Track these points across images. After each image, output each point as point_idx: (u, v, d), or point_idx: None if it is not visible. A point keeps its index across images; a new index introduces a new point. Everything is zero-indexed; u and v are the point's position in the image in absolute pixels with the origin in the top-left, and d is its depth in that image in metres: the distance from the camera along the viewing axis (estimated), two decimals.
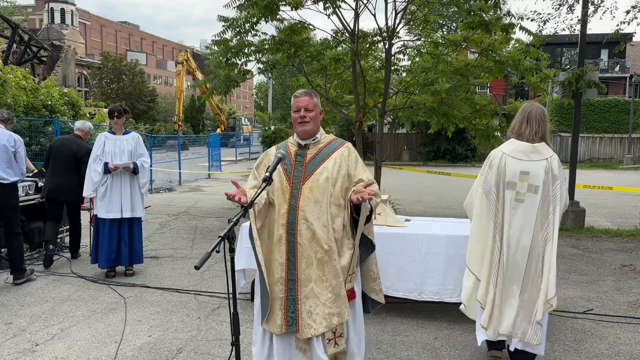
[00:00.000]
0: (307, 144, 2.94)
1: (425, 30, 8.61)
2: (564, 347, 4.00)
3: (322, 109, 3.02)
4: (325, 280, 2.75)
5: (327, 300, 2.73)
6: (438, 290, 4.41)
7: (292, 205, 2.79)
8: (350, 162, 2.90)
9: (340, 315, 2.74)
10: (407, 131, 28.43)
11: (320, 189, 2.79)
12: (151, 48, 72.25)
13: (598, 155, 28.75)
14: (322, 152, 2.91)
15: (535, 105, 3.51)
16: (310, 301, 2.75)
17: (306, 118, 2.88)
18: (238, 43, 7.90)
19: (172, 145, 20.78)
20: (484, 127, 9.38)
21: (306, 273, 2.76)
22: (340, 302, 2.74)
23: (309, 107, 2.88)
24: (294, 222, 2.78)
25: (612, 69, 36.00)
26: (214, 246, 2.08)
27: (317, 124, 2.94)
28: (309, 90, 2.98)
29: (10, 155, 5.34)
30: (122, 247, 5.76)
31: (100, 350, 3.89)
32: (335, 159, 2.88)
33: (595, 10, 8.87)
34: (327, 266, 2.75)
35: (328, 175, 2.82)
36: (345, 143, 2.99)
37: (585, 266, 6.54)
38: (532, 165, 3.37)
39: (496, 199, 3.41)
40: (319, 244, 2.75)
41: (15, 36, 23.40)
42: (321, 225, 2.75)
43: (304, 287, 2.76)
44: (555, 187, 3.35)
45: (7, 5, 34.46)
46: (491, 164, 3.48)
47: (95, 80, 43.56)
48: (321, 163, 2.87)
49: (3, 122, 5.52)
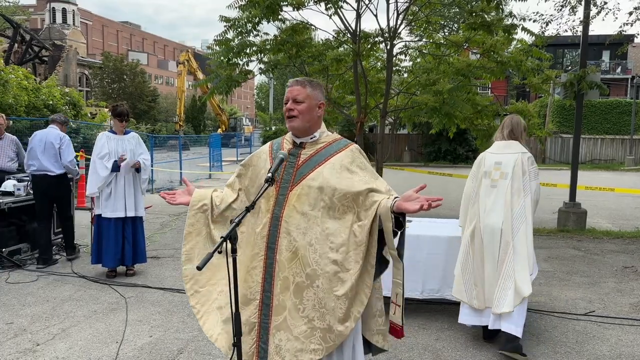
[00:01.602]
0: (302, 142, 2.46)
1: (427, 31, 8.60)
2: (566, 349, 3.99)
3: (322, 102, 2.46)
4: (302, 310, 2.25)
5: (300, 334, 2.24)
6: (440, 287, 4.46)
7: (275, 215, 2.34)
8: (353, 167, 2.38)
9: (315, 353, 2.23)
10: (408, 132, 28.38)
11: (310, 199, 2.31)
12: (152, 48, 72.26)
13: (599, 156, 28.70)
14: (320, 153, 2.41)
15: (511, 116, 4.17)
16: (281, 334, 2.27)
17: (294, 111, 2.37)
18: (240, 43, 7.90)
19: (173, 145, 20.80)
20: (485, 127, 9.38)
21: (280, 299, 2.28)
22: (317, 336, 2.24)
23: (299, 98, 2.37)
24: (275, 235, 2.32)
25: (613, 71, 35.98)
26: (216, 247, 2.07)
27: (310, 119, 2.40)
28: (302, 79, 2.46)
29: (56, 151, 6.21)
30: (126, 247, 5.79)
31: (101, 350, 3.88)
32: (334, 163, 2.36)
33: (598, 12, 8.86)
34: (306, 293, 2.26)
35: (322, 183, 2.31)
36: (351, 145, 2.46)
37: (587, 268, 6.53)
38: (504, 157, 3.96)
39: (478, 187, 4.05)
40: (300, 265, 2.27)
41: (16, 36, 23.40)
42: (306, 242, 2.28)
43: (277, 316, 2.28)
44: (525, 179, 3.86)
45: (8, 5, 34.48)
46: (477, 162, 4.16)
47: (97, 80, 43.56)
48: (316, 167, 2.36)
49: (59, 124, 6.47)
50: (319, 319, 2.26)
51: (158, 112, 45.58)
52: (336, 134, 2.59)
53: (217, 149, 19.96)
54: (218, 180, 17.62)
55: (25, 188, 6.54)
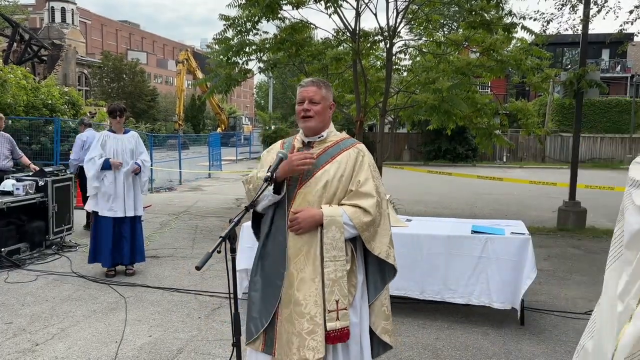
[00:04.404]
0: (311, 141, 2.51)
1: (427, 29, 8.59)
2: (566, 348, 3.98)
3: (334, 103, 2.55)
4: (305, 306, 2.31)
5: (302, 330, 2.30)
6: (439, 290, 4.42)
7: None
8: (357, 167, 2.42)
9: (316, 350, 2.27)
10: (407, 131, 28.41)
11: (315, 197, 2.37)
12: (152, 47, 72.19)
13: (599, 155, 28.69)
14: (327, 152, 2.46)
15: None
16: (289, 326, 2.34)
17: (310, 112, 2.43)
18: (239, 42, 7.89)
19: (172, 144, 20.74)
20: (485, 126, 9.37)
21: (287, 293, 2.36)
22: (319, 333, 2.29)
23: (315, 99, 2.43)
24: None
25: (613, 69, 35.96)
26: (215, 246, 2.06)
27: (323, 119, 2.48)
28: (317, 80, 2.52)
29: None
30: (124, 246, 5.78)
31: (100, 350, 3.87)
32: (340, 162, 2.42)
33: (599, 11, 8.84)
34: (308, 288, 2.33)
35: (328, 181, 2.38)
36: (357, 144, 2.51)
37: (587, 266, 6.52)
38: None
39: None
40: (304, 260, 2.35)
41: (15, 35, 23.37)
42: (310, 239, 2.35)
43: (285, 309, 2.36)
44: None
45: (8, 4, 34.43)
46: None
47: (96, 80, 43.54)
48: (323, 165, 2.42)
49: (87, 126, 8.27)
50: (320, 315, 2.29)
51: (157, 111, 45.57)
52: (344, 133, 2.62)
53: (217, 148, 19.95)
54: (217, 179, 17.60)
55: (24, 188, 6.53)
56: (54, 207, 6.91)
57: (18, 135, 7.74)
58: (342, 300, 2.31)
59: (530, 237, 4.37)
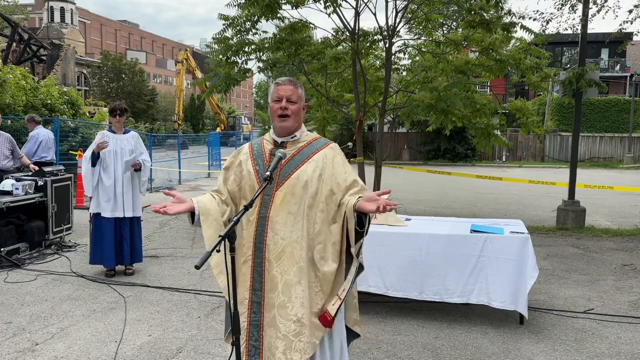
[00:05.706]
0: (284, 142, 2.50)
1: (426, 29, 8.59)
2: (565, 347, 3.99)
3: (306, 104, 2.58)
4: (291, 308, 2.31)
5: (289, 332, 2.30)
6: (438, 290, 4.41)
7: (262, 215, 2.40)
8: (336, 165, 2.45)
9: (303, 352, 2.30)
10: (407, 130, 28.41)
11: (295, 197, 2.38)
12: (151, 47, 72.16)
13: (598, 154, 28.71)
14: (302, 152, 2.46)
15: None
16: (272, 331, 2.34)
17: (287, 111, 2.42)
18: (238, 41, 7.89)
19: (171, 144, 20.74)
20: (484, 125, 9.37)
21: (269, 297, 2.35)
22: (306, 334, 2.31)
23: (293, 99, 2.43)
24: (262, 234, 2.39)
25: (612, 68, 35.96)
26: (215, 245, 2.07)
27: (299, 119, 2.49)
28: (293, 79, 2.53)
29: None
30: (124, 246, 5.79)
31: (100, 350, 3.88)
32: (317, 161, 2.43)
33: (599, 10, 8.84)
34: (294, 290, 2.32)
35: (307, 181, 2.38)
36: (330, 143, 2.55)
37: (586, 266, 6.53)
38: None
39: None
40: (288, 262, 2.34)
41: (14, 35, 23.37)
42: (293, 240, 2.36)
43: (268, 313, 2.35)
44: None
45: (7, 4, 34.41)
46: None
47: (95, 79, 43.48)
48: (299, 166, 2.42)
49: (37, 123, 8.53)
50: (307, 317, 2.32)
51: (157, 111, 45.56)
52: (315, 132, 2.65)
53: (216, 147, 19.92)
54: (217, 179, 17.58)
55: (23, 187, 6.53)
56: (54, 206, 6.92)
57: (17, 136, 7.71)
58: (329, 300, 2.40)
59: (530, 236, 4.38)
